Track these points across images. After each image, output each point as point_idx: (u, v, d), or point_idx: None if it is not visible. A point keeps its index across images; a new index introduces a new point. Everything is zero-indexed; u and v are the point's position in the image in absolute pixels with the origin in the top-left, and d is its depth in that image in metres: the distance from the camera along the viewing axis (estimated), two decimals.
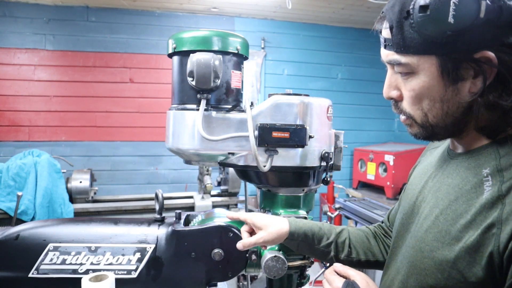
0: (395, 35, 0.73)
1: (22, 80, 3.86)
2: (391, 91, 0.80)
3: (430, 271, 0.75)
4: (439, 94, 0.73)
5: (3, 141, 3.86)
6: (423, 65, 0.72)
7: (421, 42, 0.70)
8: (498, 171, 0.70)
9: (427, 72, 0.72)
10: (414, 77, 0.74)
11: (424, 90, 0.74)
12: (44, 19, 3.88)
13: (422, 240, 0.78)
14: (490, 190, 0.69)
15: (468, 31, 0.66)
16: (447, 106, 0.74)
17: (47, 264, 1.01)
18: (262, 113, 1.04)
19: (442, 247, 0.73)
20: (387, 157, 3.86)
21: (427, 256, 0.76)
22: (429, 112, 0.75)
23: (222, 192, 3.23)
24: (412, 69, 0.73)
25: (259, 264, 1.07)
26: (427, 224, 0.79)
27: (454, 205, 0.74)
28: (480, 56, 0.68)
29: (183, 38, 1.06)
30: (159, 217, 1.12)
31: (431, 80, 0.72)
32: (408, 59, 0.73)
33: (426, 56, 0.71)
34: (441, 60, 0.70)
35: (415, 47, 0.71)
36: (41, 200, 2.66)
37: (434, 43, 0.69)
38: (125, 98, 4.09)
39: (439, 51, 0.70)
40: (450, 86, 0.72)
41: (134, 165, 4.16)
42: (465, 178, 0.75)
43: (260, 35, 4.40)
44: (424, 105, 0.75)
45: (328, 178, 1.14)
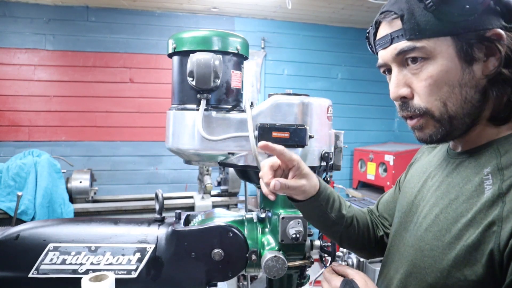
0: (407, 22, 0.71)
1: (22, 80, 3.86)
2: (401, 89, 0.76)
3: (430, 270, 0.74)
4: (457, 77, 0.71)
5: (3, 141, 3.86)
6: (440, 48, 0.70)
7: (436, 24, 0.69)
8: (498, 170, 0.70)
9: (445, 55, 0.71)
10: (431, 63, 0.72)
11: (442, 75, 0.71)
12: (44, 19, 3.88)
13: (422, 239, 0.78)
14: (491, 189, 0.68)
15: (480, 7, 0.66)
16: (465, 91, 0.72)
17: (47, 264, 1.01)
18: (262, 113, 1.04)
19: (443, 246, 0.72)
20: (387, 157, 3.86)
21: (427, 255, 0.75)
22: (448, 100, 0.72)
23: (222, 192, 3.23)
24: (428, 53, 0.71)
25: (259, 264, 1.07)
26: (427, 223, 0.78)
27: (455, 204, 0.74)
28: (492, 34, 0.68)
29: (183, 38, 1.06)
30: (159, 217, 1.12)
31: (449, 62, 0.71)
32: (423, 42, 0.71)
33: (442, 38, 0.70)
34: (456, 41, 0.70)
35: (431, 30, 0.70)
36: (41, 200, 2.66)
37: (450, 22, 0.68)
38: (125, 98, 4.09)
39: (455, 31, 0.69)
40: (466, 69, 0.71)
41: (134, 165, 4.16)
42: (466, 177, 0.75)
43: (260, 35, 4.40)
44: (443, 93, 0.72)
45: (328, 178, 1.14)
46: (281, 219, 1.05)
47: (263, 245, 1.10)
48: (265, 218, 1.14)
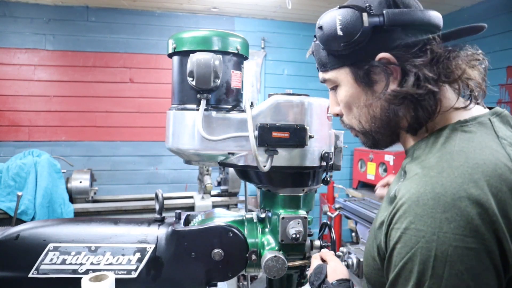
0: (316, 57, 0.87)
1: (22, 80, 3.86)
2: (334, 108, 0.90)
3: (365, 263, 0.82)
4: (361, 99, 0.81)
5: (3, 141, 3.86)
6: (341, 77, 0.82)
7: (331, 58, 0.82)
8: (404, 172, 0.75)
9: (345, 82, 0.82)
10: (339, 89, 0.84)
11: (348, 98, 0.83)
12: (44, 19, 3.88)
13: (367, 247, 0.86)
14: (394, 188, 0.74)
15: (360, 40, 0.75)
16: (372, 110, 0.81)
17: (47, 264, 1.01)
18: (262, 113, 1.04)
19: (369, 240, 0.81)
20: (387, 157, 3.86)
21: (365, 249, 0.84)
22: (361, 119, 0.83)
23: (222, 192, 3.23)
24: (334, 82, 0.84)
25: (259, 264, 1.07)
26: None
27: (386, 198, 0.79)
28: (380, 58, 0.76)
29: (183, 38, 1.06)
30: (159, 217, 1.12)
31: (350, 88, 0.82)
32: (328, 74, 0.84)
33: (340, 68, 0.82)
34: (351, 69, 0.80)
35: (329, 63, 0.83)
36: (41, 200, 2.65)
37: (339, 56, 0.80)
38: (125, 98, 4.09)
39: (345, 62, 0.80)
40: (368, 91, 0.80)
41: (134, 165, 4.16)
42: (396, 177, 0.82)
43: (260, 35, 4.40)
44: (355, 113, 0.84)
45: (328, 178, 1.14)
46: (281, 219, 1.05)
47: (263, 245, 1.10)
48: (265, 218, 1.14)
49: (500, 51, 3.56)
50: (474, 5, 3.92)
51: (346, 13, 0.76)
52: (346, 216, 3.34)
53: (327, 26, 0.78)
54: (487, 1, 3.81)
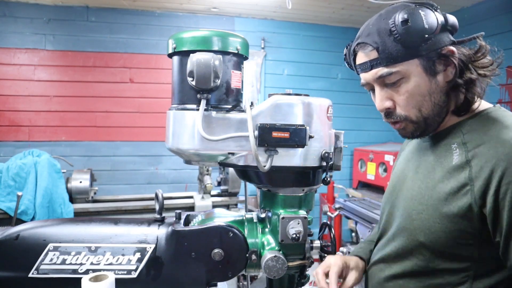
0: (383, 52, 0.91)
1: (22, 80, 3.87)
2: (385, 103, 0.96)
3: (419, 229, 0.93)
4: (427, 88, 0.92)
5: (3, 141, 3.86)
6: (411, 69, 0.91)
7: (405, 51, 0.89)
8: (463, 144, 0.90)
9: (415, 73, 0.91)
10: (406, 81, 0.92)
11: (416, 89, 0.92)
12: (44, 19, 3.88)
13: (409, 207, 0.97)
14: (458, 157, 0.89)
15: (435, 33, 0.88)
16: (434, 97, 0.93)
17: (47, 264, 1.01)
18: (262, 113, 1.04)
19: (427, 208, 0.92)
20: (387, 157, 3.86)
21: (415, 218, 0.94)
22: (422, 107, 0.93)
23: (222, 192, 3.23)
24: (402, 74, 0.91)
25: (259, 264, 1.07)
26: (411, 194, 0.98)
27: (432, 174, 0.94)
28: (446, 51, 0.90)
29: (183, 38, 1.06)
30: (159, 217, 1.12)
31: (420, 78, 0.91)
32: (397, 67, 0.91)
33: (411, 61, 0.90)
34: (422, 61, 0.90)
35: (401, 56, 0.89)
36: (41, 200, 2.66)
37: (415, 48, 0.88)
38: (125, 98, 4.09)
39: (419, 53, 0.89)
40: (432, 80, 0.92)
41: (134, 165, 4.16)
42: (439, 153, 0.96)
43: (260, 35, 4.40)
44: (418, 102, 0.93)
45: (328, 178, 1.14)
46: (281, 219, 1.05)
47: (263, 245, 1.09)
48: (265, 218, 1.14)
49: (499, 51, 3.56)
50: (474, 5, 3.92)
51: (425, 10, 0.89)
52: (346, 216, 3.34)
53: (414, 19, 0.86)
54: (487, 1, 3.81)
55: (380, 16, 0.94)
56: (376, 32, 0.92)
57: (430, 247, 0.91)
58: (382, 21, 0.91)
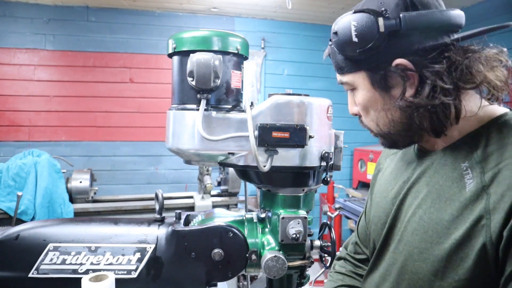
0: (332, 60, 0.87)
1: (22, 80, 3.87)
2: (353, 108, 0.91)
3: (422, 274, 0.74)
4: (378, 103, 0.81)
5: (3, 141, 3.86)
6: (358, 80, 0.82)
7: (348, 62, 0.81)
8: (476, 163, 0.71)
9: (362, 86, 0.82)
10: (356, 92, 0.84)
11: (366, 102, 0.83)
12: (44, 19, 3.88)
13: (409, 243, 0.79)
14: (472, 183, 0.70)
15: (376, 45, 0.73)
16: (390, 114, 0.80)
17: (47, 264, 1.01)
18: (262, 113, 1.04)
19: (432, 247, 0.73)
20: None
21: (417, 259, 0.76)
22: (378, 122, 0.83)
23: (222, 192, 3.23)
24: (352, 85, 0.84)
25: (259, 264, 1.07)
26: (413, 227, 0.79)
27: (437, 203, 0.75)
28: (396, 64, 0.74)
29: (183, 38, 1.06)
30: (159, 217, 1.12)
31: (368, 92, 0.81)
32: (346, 77, 0.84)
33: (357, 72, 0.81)
34: (368, 74, 0.79)
35: (345, 67, 0.82)
36: (41, 200, 2.65)
37: (355, 60, 0.79)
38: (125, 98, 4.09)
39: (362, 67, 0.79)
40: (385, 95, 0.79)
41: (134, 165, 4.16)
42: (444, 175, 0.76)
43: (260, 35, 4.40)
44: (372, 116, 0.84)
45: (328, 178, 1.14)
46: (281, 219, 1.05)
47: (263, 245, 1.09)
48: (265, 218, 1.14)
49: None
50: (474, 5, 3.92)
51: (361, 18, 0.74)
52: (346, 216, 3.34)
53: (342, 32, 0.77)
54: (487, 1, 3.81)
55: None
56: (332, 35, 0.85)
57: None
58: None
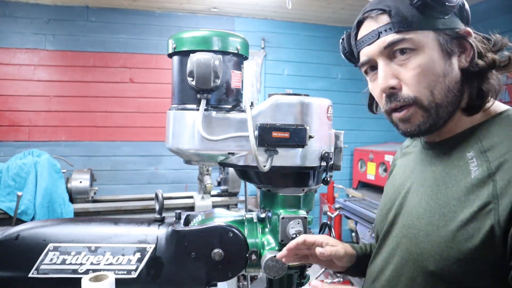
0: (395, 16, 0.78)
1: (22, 80, 3.87)
2: (390, 80, 0.80)
3: (427, 255, 0.77)
4: (441, 68, 0.78)
5: (3, 141, 3.86)
6: (425, 40, 0.78)
7: (421, 18, 0.77)
8: (481, 153, 0.75)
9: (430, 46, 0.78)
10: (418, 53, 0.78)
11: (430, 65, 0.78)
12: (44, 19, 3.88)
13: (415, 227, 0.81)
14: (477, 170, 0.74)
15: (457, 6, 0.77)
16: (448, 81, 0.78)
17: (47, 264, 1.01)
18: (262, 113, 1.04)
19: (438, 229, 0.76)
20: (387, 157, 3.86)
21: (423, 240, 0.78)
22: (435, 89, 0.78)
23: (222, 192, 3.23)
24: (416, 44, 0.78)
25: (259, 264, 1.07)
26: (418, 212, 0.82)
27: (444, 189, 0.78)
28: (464, 32, 0.79)
29: (183, 38, 1.06)
30: (159, 217, 1.12)
31: (435, 53, 0.78)
32: (411, 34, 0.77)
33: (425, 31, 0.78)
34: (438, 35, 0.78)
35: (417, 23, 0.77)
36: (41, 200, 2.65)
37: (432, 18, 0.77)
38: (125, 98, 4.09)
39: (436, 26, 0.78)
40: (447, 61, 0.79)
41: (134, 165, 4.16)
42: (450, 163, 0.80)
43: (260, 35, 4.40)
44: (430, 82, 0.78)
45: (328, 178, 1.14)
46: (281, 219, 1.05)
47: (263, 245, 1.10)
48: (265, 218, 1.14)
49: None
50: (474, 5, 3.92)
51: None
52: (346, 216, 3.34)
53: None
54: (487, 1, 3.81)
55: None
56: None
57: (439, 276, 0.75)
58: None
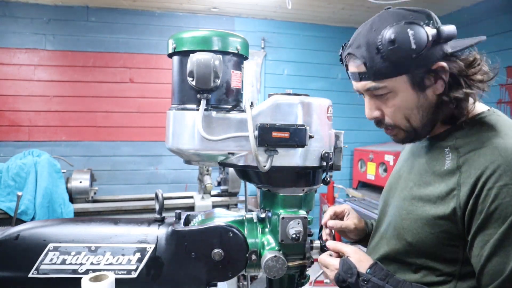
0: (370, 68, 0.92)
1: (22, 80, 3.87)
2: (373, 112, 1.00)
3: (407, 229, 0.97)
4: (414, 103, 0.94)
5: (3, 141, 3.86)
6: (398, 84, 0.93)
7: (392, 67, 0.90)
8: (455, 149, 0.94)
9: (403, 89, 0.93)
10: (393, 96, 0.94)
11: (403, 103, 0.95)
12: (44, 19, 3.88)
13: (401, 207, 1.01)
14: (450, 163, 0.93)
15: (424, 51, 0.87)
16: (422, 110, 0.95)
17: (47, 264, 1.01)
18: (262, 113, 1.04)
19: (416, 209, 0.96)
20: (387, 157, 3.86)
21: (405, 217, 0.98)
22: (410, 118, 0.96)
23: (222, 192, 3.23)
24: (390, 89, 0.94)
25: (259, 264, 1.07)
26: (404, 194, 1.02)
27: (424, 177, 0.98)
28: (437, 67, 0.90)
29: (183, 38, 1.06)
30: (159, 217, 1.12)
31: (407, 94, 0.93)
32: (385, 83, 0.93)
33: (398, 77, 0.91)
34: (410, 77, 0.91)
35: (389, 73, 0.91)
36: (41, 200, 2.66)
37: (403, 65, 0.90)
38: (125, 98, 4.09)
39: (408, 70, 0.90)
40: (421, 94, 0.94)
41: (134, 165, 4.16)
42: (432, 156, 0.99)
43: (260, 35, 4.41)
44: (406, 114, 0.96)
45: (328, 178, 1.14)
46: (281, 219, 1.05)
47: (263, 245, 1.09)
48: (265, 218, 1.14)
49: (499, 51, 3.57)
50: (474, 5, 3.92)
51: (416, 29, 0.87)
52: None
53: (401, 40, 0.87)
54: (487, 1, 3.81)
55: (371, 26, 0.94)
56: (365, 46, 0.92)
57: (416, 247, 0.95)
58: (373, 33, 0.92)
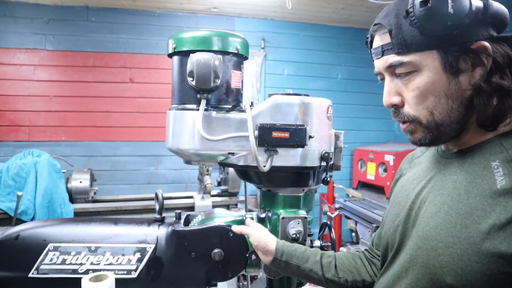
0: (395, 37, 0.76)
1: (22, 80, 3.86)
2: (392, 98, 0.81)
3: (448, 269, 0.72)
4: (443, 88, 0.75)
5: (3, 141, 3.86)
6: (426, 61, 0.75)
7: (422, 38, 0.73)
8: (508, 162, 0.72)
9: (431, 67, 0.75)
10: (418, 75, 0.76)
11: (429, 86, 0.75)
12: (44, 19, 3.88)
13: (433, 238, 0.76)
14: (504, 180, 0.70)
15: (464, 22, 0.70)
16: (451, 101, 0.75)
17: (47, 264, 1.01)
18: (262, 113, 1.04)
19: (460, 241, 0.71)
20: (387, 157, 3.86)
21: (442, 253, 0.73)
22: (435, 109, 0.76)
23: (222, 192, 3.23)
24: (415, 66, 0.75)
25: (259, 264, 1.07)
26: (437, 221, 0.76)
27: (466, 199, 0.73)
28: (477, 46, 0.72)
29: (183, 38, 1.06)
30: (159, 217, 1.12)
31: (435, 74, 0.75)
32: (410, 57, 0.75)
33: (428, 51, 0.74)
34: (442, 54, 0.73)
35: (417, 44, 0.74)
36: (41, 200, 2.66)
37: (435, 37, 0.73)
38: (125, 98, 4.09)
39: (440, 44, 0.73)
40: (452, 80, 0.74)
41: (134, 165, 4.16)
42: (473, 172, 0.75)
43: (260, 35, 4.40)
44: (429, 103, 0.76)
45: (328, 178, 1.14)
46: (281, 219, 1.05)
47: None
48: (265, 218, 1.14)
49: None
50: None
51: None
52: (346, 216, 3.34)
53: (436, 2, 0.70)
54: None
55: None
56: (394, 12, 0.76)
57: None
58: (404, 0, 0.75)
